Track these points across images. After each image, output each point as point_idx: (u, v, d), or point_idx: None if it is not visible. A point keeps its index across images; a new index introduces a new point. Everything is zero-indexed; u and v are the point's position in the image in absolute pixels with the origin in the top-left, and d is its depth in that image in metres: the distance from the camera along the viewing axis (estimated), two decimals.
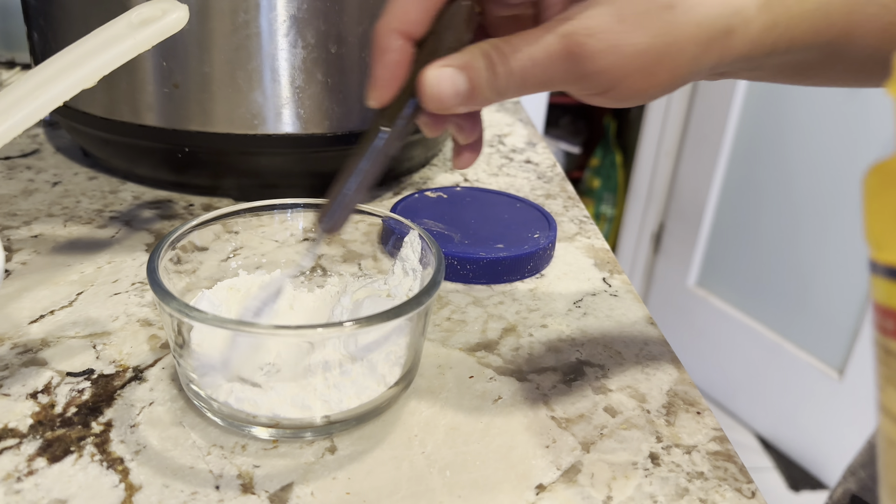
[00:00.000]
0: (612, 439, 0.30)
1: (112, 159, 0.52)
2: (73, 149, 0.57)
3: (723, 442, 0.30)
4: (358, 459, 0.28)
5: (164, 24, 0.32)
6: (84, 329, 0.35)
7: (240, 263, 0.36)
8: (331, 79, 0.46)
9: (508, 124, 0.72)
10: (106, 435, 0.28)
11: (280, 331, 0.28)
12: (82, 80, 0.31)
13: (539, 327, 0.38)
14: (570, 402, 0.32)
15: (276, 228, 0.36)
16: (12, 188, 0.50)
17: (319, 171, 0.50)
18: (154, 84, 0.45)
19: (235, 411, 0.28)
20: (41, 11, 0.48)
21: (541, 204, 0.53)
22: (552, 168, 0.61)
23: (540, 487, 0.27)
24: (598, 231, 0.50)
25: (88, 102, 0.48)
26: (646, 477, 0.28)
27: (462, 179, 0.57)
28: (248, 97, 0.45)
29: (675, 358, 0.36)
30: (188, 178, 0.50)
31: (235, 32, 0.43)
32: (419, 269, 0.33)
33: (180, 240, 0.32)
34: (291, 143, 0.47)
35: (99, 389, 0.31)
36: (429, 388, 0.32)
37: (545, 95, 1.79)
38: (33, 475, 0.26)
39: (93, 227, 0.45)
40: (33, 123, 0.30)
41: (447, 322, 0.38)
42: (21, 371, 0.31)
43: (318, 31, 0.44)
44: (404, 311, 0.27)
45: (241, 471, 0.27)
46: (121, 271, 0.40)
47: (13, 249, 0.42)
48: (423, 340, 0.31)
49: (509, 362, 0.34)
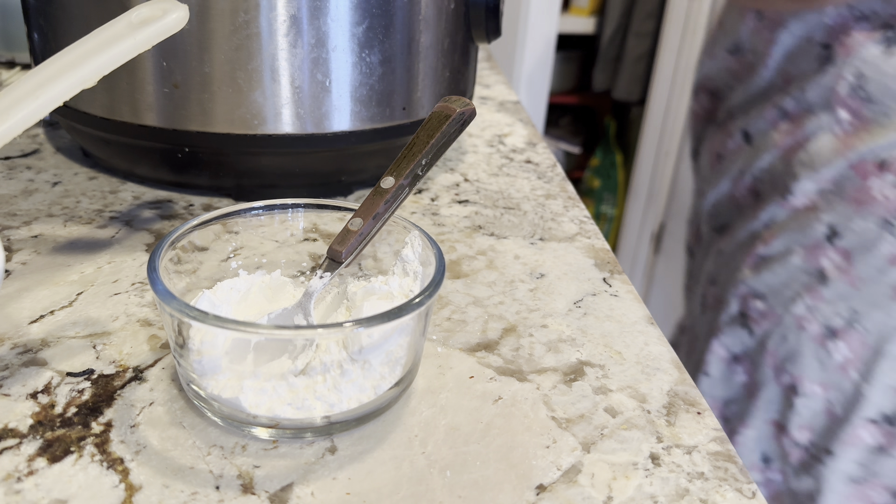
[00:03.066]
0: (613, 439, 0.30)
1: (112, 159, 0.52)
2: (73, 149, 0.57)
3: (723, 442, 0.30)
4: (358, 460, 0.28)
5: (164, 24, 0.32)
6: (84, 329, 0.35)
7: (240, 263, 0.36)
8: (331, 79, 0.46)
9: (508, 124, 0.72)
10: (106, 435, 0.28)
11: (280, 331, 0.28)
12: (82, 80, 0.31)
13: (539, 327, 0.38)
14: (570, 402, 0.32)
15: (276, 228, 0.36)
16: (12, 188, 0.50)
17: (319, 171, 0.50)
18: (154, 84, 0.45)
19: (235, 411, 0.28)
20: (41, 11, 0.48)
21: (541, 204, 0.53)
22: (552, 168, 0.61)
23: (540, 488, 0.27)
24: (598, 231, 0.50)
25: (88, 102, 0.48)
26: (646, 477, 0.28)
27: (462, 180, 0.57)
28: (248, 97, 0.45)
29: (676, 358, 0.36)
30: (188, 178, 0.50)
31: (235, 32, 0.43)
32: (419, 270, 0.33)
33: (180, 240, 0.32)
34: (291, 143, 0.47)
35: (99, 389, 0.31)
36: (429, 388, 0.32)
37: (545, 95, 1.79)
38: (33, 475, 0.26)
39: (93, 227, 0.45)
40: (33, 123, 0.30)
41: (447, 322, 0.37)
42: (21, 371, 0.31)
43: (318, 31, 0.44)
44: (404, 311, 0.27)
45: (241, 471, 0.27)
46: (121, 271, 0.40)
47: (13, 249, 0.42)
48: (423, 341, 0.31)
49: (509, 362, 0.34)
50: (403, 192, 0.34)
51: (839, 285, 0.72)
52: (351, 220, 0.33)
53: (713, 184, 0.91)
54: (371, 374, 0.29)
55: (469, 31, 0.53)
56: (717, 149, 0.89)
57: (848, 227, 0.71)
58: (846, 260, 0.72)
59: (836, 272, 0.72)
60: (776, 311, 0.77)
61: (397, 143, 0.51)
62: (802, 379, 0.75)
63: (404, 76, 0.49)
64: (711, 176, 0.92)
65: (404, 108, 0.50)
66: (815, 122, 0.74)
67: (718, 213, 0.91)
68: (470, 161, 0.61)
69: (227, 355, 0.29)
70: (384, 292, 0.33)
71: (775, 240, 0.77)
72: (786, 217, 0.76)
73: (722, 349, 0.83)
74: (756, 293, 0.78)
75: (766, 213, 0.78)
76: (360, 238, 0.32)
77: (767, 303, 0.77)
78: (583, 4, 1.97)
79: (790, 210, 0.76)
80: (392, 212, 0.34)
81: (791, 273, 0.75)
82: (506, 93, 0.84)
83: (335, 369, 0.29)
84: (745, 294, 0.79)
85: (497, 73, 0.93)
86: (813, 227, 0.73)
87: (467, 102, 0.36)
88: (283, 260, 0.37)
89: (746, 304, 0.79)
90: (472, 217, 0.50)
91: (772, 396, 0.79)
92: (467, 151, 0.63)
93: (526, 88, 1.70)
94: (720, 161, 0.88)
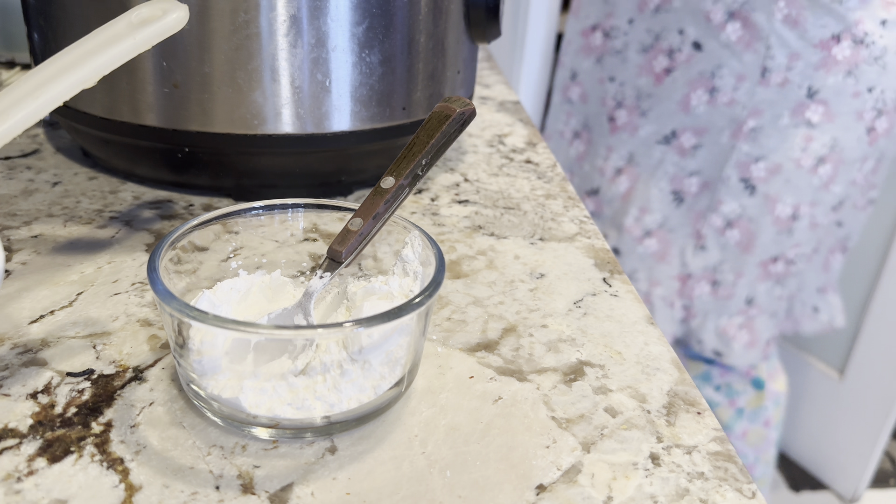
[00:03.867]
0: (613, 439, 0.30)
1: (112, 159, 0.52)
2: (73, 149, 0.57)
3: (723, 442, 0.30)
4: (358, 460, 0.28)
5: (164, 24, 0.32)
6: (84, 329, 0.35)
7: (240, 263, 0.36)
8: (331, 79, 0.46)
9: (508, 124, 0.72)
10: (106, 435, 0.28)
11: (280, 331, 0.28)
12: (82, 80, 0.31)
13: (539, 327, 0.38)
14: (570, 402, 0.32)
15: (276, 228, 0.36)
16: (12, 188, 0.50)
17: (319, 171, 0.50)
18: (154, 84, 0.45)
19: (235, 411, 0.28)
20: (41, 11, 0.48)
21: (541, 204, 0.53)
22: (552, 168, 0.61)
23: (540, 488, 0.27)
24: (598, 231, 0.50)
25: (88, 102, 0.48)
26: (646, 477, 0.28)
27: (462, 180, 0.57)
28: (248, 97, 0.45)
29: (676, 358, 0.36)
30: (188, 178, 0.50)
31: (235, 32, 0.43)
32: (419, 270, 0.33)
33: (180, 240, 0.32)
34: (291, 143, 0.47)
35: (99, 389, 0.31)
36: (429, 388, 0.32)
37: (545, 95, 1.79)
38: (33, 475, 0.26)
39: (93, 227, 0.45)
40: (33, 123, 0.30)
41: (447, 322, 0.37)
42: (21, 371, 0.31)
43: (318, 31, 0.44)
44: (405, 311, 0.27)
45: (241, 471, 0.27)
46: (121, 271, 0.40)
47: (13, 249, 0.42)
48: (423, 341, 0.31)
49: (509, 362, 0.34)
50: (403, 192, 0.34)
51: None
52: (351, 220, 0.33)
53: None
54: (371, 374, 0.29)
55: (469, 31, 0.53)
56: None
57: None
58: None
59: None
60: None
61: (397, 143, 0.51)
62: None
63: (404, 76, 0.49)
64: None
65: (404, 108, 0.50)
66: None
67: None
68: (470, 161, 0.61)
69: (227, 355, 0.29)
70: (384, 292, 0.33)
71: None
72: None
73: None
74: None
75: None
76: (360, 238, 0.32)
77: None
78: None
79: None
80: (392, 212, 0.34)
81: None
82: (506, 93, 0.84)
83: (335, 369, 0.29)
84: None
85: (497, 73, 0.93)
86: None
87: (467, 102, 0.36)
88: (283, 260, 0.37)
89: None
90: (472, 217, 0.50)
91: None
92: (467, 151, 0.63)
93: (526, 88, 1.70)
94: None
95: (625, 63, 1.06)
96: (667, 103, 1.02)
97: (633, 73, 1.05)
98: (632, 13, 1.04)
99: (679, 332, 1.11)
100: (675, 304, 1.09)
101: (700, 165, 1.02)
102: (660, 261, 1.08)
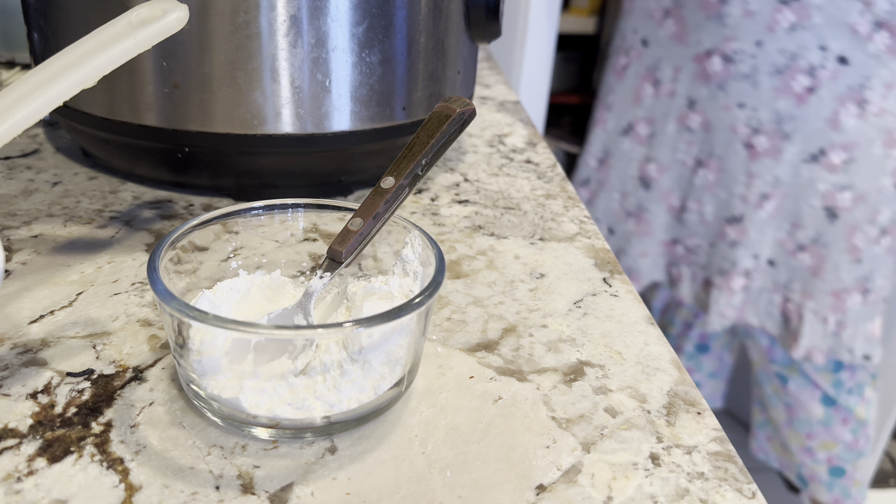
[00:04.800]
0: (613, 440, 0.30)
1: (112, 159, 0.52)
2: (73, 149, 0.57)
3: (723, 442, 0.30)
4: (358, 460, 0.28)
5: (164, 24, 0.32)
6: (84, 329, 0.35)
7: (240, 263, 0.36)
8: (331, 79, 0.46)
9: (508, 124, 0.72)
10: (106, 435, 0.28)
11: (280, 331, 0.28)
12: (82, 80, 0.31)
13: (539, 327, 0.38)
14: (570, 402, 0.32)
15: (276, 228, 0.36)
16: (12, 188, 0.50)
17: (319, 171, 0.50)
18: (154, 84, 0.45)
19: (235, 411, 0.28)
20: (41, 11, 0.48)
21: (541, 204, 0.53)
22: (552, 168, 0.61)
23: (540, 488, 0.27)
24: (598, 231, 0.50)
25: (88, 102, 0.48)
26: (646, 477, 0.28)
27: (462, 180, 0.57)
28: (248, 97, 0.45)
29: (676, 358, 0.36)
30: (188, 178, 0.50)
31: (235, 32, 0.43)
32: (419, 270, 0.33)
33: (180, 240, 0.32)
34: (291, 143, 0.47)
35: (99, 389, 0.31)
36: (429, 388, 0.32)
37: (545, 95, 1.79)
38: (33, 475, 0.26)
39: (93, 227, 0.45)
40: (33, 123, 0.30)
41: (447, 322, 0.37)
42: (21, 371, 0.31)
43: (318, 31, 0.44)
44: (405, 311, 0.27)
45: (241, 471, 0.27)
46: (121, 271, 0.40)
47: (13, 249, 0.42)
48: (423, 341, 0.31)
49: (509, 362, 0.34)
50: (403, 192, 0.34)
51: None
52: (351, 220, 0.33)
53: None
54: (371, 374, 0.29)
55: (469, 31, 0.53)
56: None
57: None
58: None
59: None
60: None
61: (397, 143, 0.51)
62: None
63: (404, 76, 0.49)
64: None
65: (404, 108, 0.50)
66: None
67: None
68: (470, 161, 0.61)
69: (227, 355, 0.29)
70: (384, 292, 0.33)
71: None
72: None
73: None
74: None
75: None
76: (360, 238, 0.32)
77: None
78: (583, 4, 1.97)
79: None
80: (392, 212, 0.34)
81: None
82: (506, 93, 0.84)
83: (335, 369, 0.29)
84: None
85: (497, 73, 0.93)
86: None
87: (467, 102, 0.36)
88: (283, 260, 0.37)
89: None
90: (472, 217, 0.50)
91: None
92: (467, 151, 0.63)
93: (526, 88, 1.70)
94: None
95: (756, 88, 1.04)
96: (813, 122, 1.01)
97: (767, 96, 1.03)
98: (759, 35, 1.02)
99: (827, 345, 1.11)
100: (829, 320, 1.09)
101: (852, 179, 1.02)
102: (814, 276, 1.08)
